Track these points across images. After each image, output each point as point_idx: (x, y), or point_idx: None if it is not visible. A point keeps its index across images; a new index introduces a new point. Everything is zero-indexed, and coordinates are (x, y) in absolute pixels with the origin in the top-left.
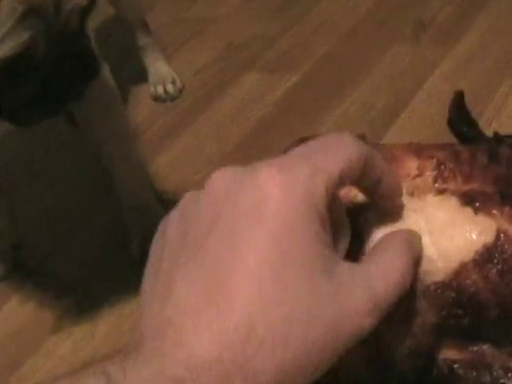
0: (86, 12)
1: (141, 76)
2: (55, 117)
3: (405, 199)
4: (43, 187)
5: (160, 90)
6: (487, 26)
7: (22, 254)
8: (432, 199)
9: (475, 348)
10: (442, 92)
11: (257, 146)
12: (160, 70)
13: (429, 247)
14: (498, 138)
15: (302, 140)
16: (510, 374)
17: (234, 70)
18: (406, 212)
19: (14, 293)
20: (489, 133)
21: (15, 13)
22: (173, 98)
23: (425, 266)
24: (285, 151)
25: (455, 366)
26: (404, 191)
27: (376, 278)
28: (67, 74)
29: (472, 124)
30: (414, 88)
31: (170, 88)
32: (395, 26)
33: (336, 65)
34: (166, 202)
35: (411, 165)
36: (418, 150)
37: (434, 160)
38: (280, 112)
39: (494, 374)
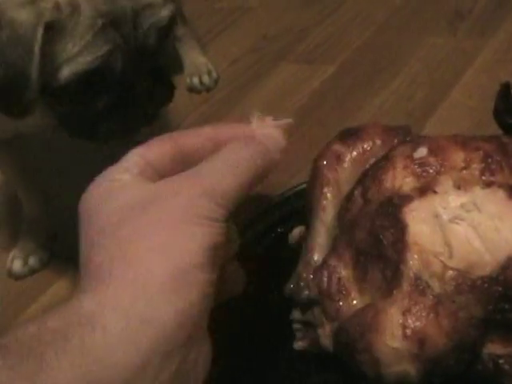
0: (165, 31)
1: (176, 67)
2: (131, 136)
3: (451, 192)
4: (75, 179)
5: (196, 80)
6: None
7: (57, 244)
8: (479, 192)
9: None
10: (480, 83)
11: (293, 136)
12: (196, 61)
13: (475, 240)
14: None
15: (346, 131)
16: None
17: (269, 61)
18: (452, 204)
19: (51, 281)
20: None
21: (95, 26)
22: (208, 89)
23: (472, 259)
24: (329, 144)
25: (500, 361)
26: (451, 184)
27: None
28: (145, 94)
29: None
30: (452, 79)
31: (205, 79)
32: (431, 16)
33: (372, 55)
34: None
35: (457, 157)
36: (464, 142)
37: (481, 152)
38: (316, 103)
39: None
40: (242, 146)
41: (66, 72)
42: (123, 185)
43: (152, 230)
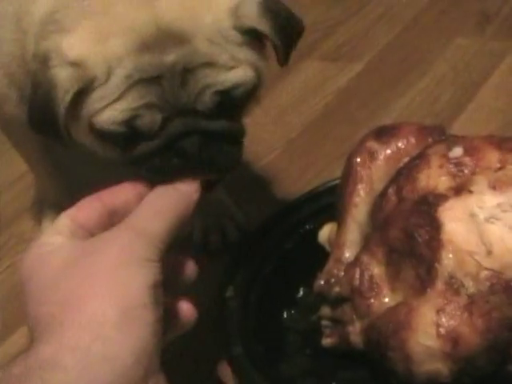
0: (230, 96)
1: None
2: None
3: (487, 192)
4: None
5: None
6: None
7: None
8: None
9: None
10: (508, 85)
11: (320, 133)
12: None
13: (511, 241)
14: None
15: (381, 129)
16: None
17: (295, 58)
18: (488, 204)
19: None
20: None
21: (130, 79)
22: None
23: (507, 259)
24: (363, 141)
25: None
26: (486, 184)
27: None
28: (196, 158)
29: None
30: (479, 80)
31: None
32: (458, 17)
33: (399, 55)
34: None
35: (492, 157)
36: (500, 143)
37: None
38: (343, 101)
39: None
40: (164, 192)
41: (102, 117)
42: (54, 248)
43: (93, 279)
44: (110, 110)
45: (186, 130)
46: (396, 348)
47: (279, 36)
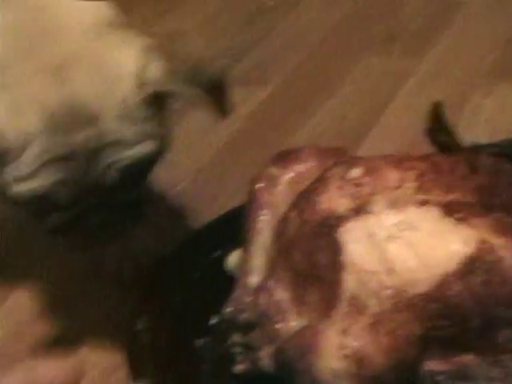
0: (134, 169)
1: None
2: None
3: (386, 211)
4: None
5: None
6: (457, 36)
7: None
8: (413, 211)
9: (459, 359)
10: (414, 103)
11: (230, 159)
12: None
13: (411, 258)
14: (478, 147)
15: (281, 154)
16: None
17: None
18: (387, 223)
19: None
20: (466, 142)
21: (39, 160)
22: None
23: (408, 277)
24: (265, 166)
25: (439, 377)
26: (385, 203)
27: None
28: (101, 224)
29: (451, 133)
30: (386, 99)
31: None
32: (365, 37)
33: (307, 77)
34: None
35: (391, 176)
36: (398, 162)
37: (414, 171)
38: (253, 126)
39: None
40: None
41: (15, 190)
42: None
43: None
44: (22, 185)
45: (94, 204)
46: (304, 372)
47: (197, 91)
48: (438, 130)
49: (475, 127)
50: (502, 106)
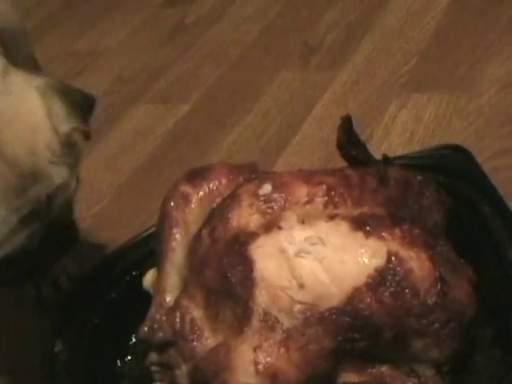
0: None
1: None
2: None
3: (296, 226)
4: None
5: None
6: (372, 48)
7: None
8: (323, 225)
9: (374, 370)
10: (331, 115)
11: (150, 177)
12: None
13: (321, 273)
14: (387, 160)
15: (192, 172)
16: None
17: (124, 103)
18: (297, 239)
19: None
20: (379, 154)
21: (10, 223)
22: None
23: (319, 291)
24: (176, 185)
25: None
26: (295, 219)
27: None
28: (51, 248)
29: (361, 147)
30: (304, 112)
31: None
32: (283, 51)
33: (226, 92)
34: None
35: (301, 192)
36: (308, 177)
37: (324, 186)
38: (172, 142)
39: None
40: None
41: None
42: None
43: None
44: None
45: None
46: None
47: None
48: (348, 143)
49: (391, 138)
50: (417, 117)
